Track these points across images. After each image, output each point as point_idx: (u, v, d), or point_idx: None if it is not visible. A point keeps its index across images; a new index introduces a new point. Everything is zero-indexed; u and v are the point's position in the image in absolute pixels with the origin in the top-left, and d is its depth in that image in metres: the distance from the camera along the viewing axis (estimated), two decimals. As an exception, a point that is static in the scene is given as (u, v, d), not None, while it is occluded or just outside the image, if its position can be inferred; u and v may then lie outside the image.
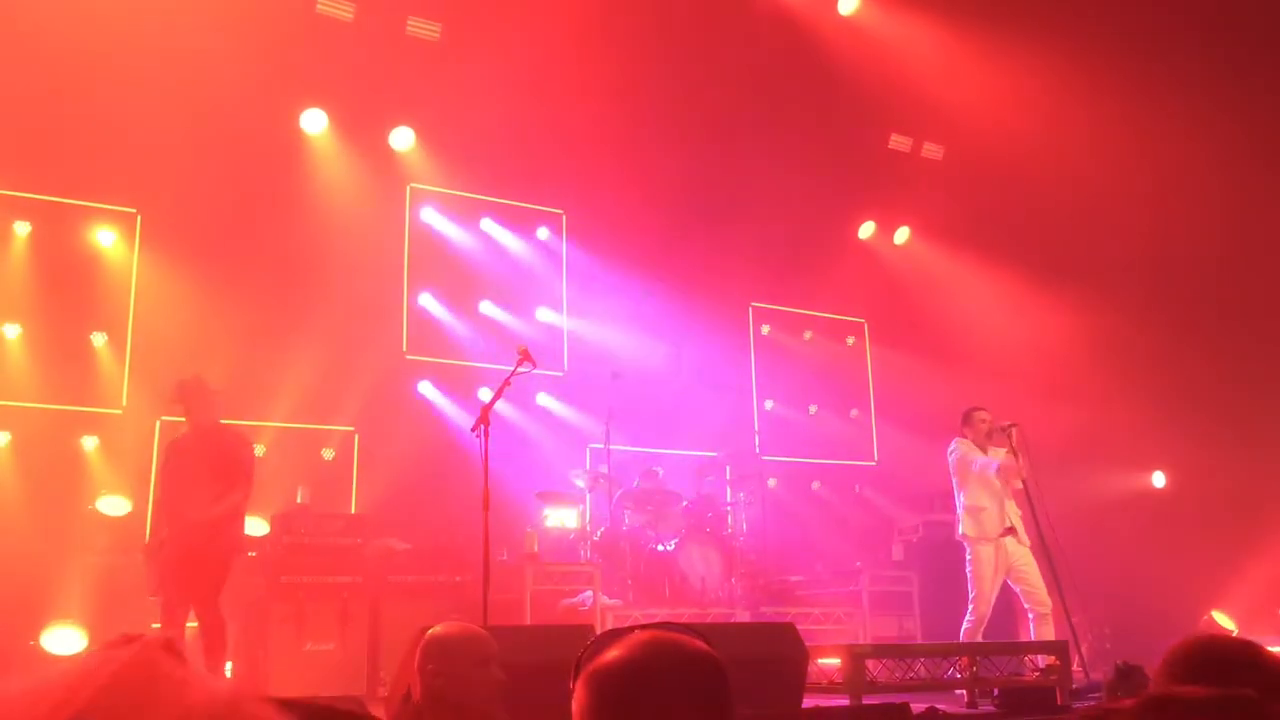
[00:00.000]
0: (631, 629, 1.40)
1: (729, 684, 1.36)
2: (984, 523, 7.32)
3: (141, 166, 8.78)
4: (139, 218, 9.23)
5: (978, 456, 7.41)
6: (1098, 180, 11.10)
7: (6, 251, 8.77)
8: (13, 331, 8.70)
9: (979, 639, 7.12)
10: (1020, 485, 7.36)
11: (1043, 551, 7.16)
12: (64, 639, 7.39)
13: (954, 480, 7.57)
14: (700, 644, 1.38)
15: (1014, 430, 7.34)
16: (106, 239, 9.13)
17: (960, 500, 7.49)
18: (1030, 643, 7.11)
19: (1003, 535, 7.31)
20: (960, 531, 7.48)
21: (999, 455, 7.42)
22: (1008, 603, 7.59)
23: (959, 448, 7.50)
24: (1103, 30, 9.71)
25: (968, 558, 7.41)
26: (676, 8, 9.62)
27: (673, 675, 1.33)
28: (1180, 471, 11.85)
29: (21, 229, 8.79)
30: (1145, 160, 10.40)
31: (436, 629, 3.30)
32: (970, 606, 7.28)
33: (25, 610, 7.30)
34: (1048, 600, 7.19)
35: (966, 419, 7.53)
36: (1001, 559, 7.28)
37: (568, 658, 1.40)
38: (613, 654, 1.36)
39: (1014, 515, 7.41)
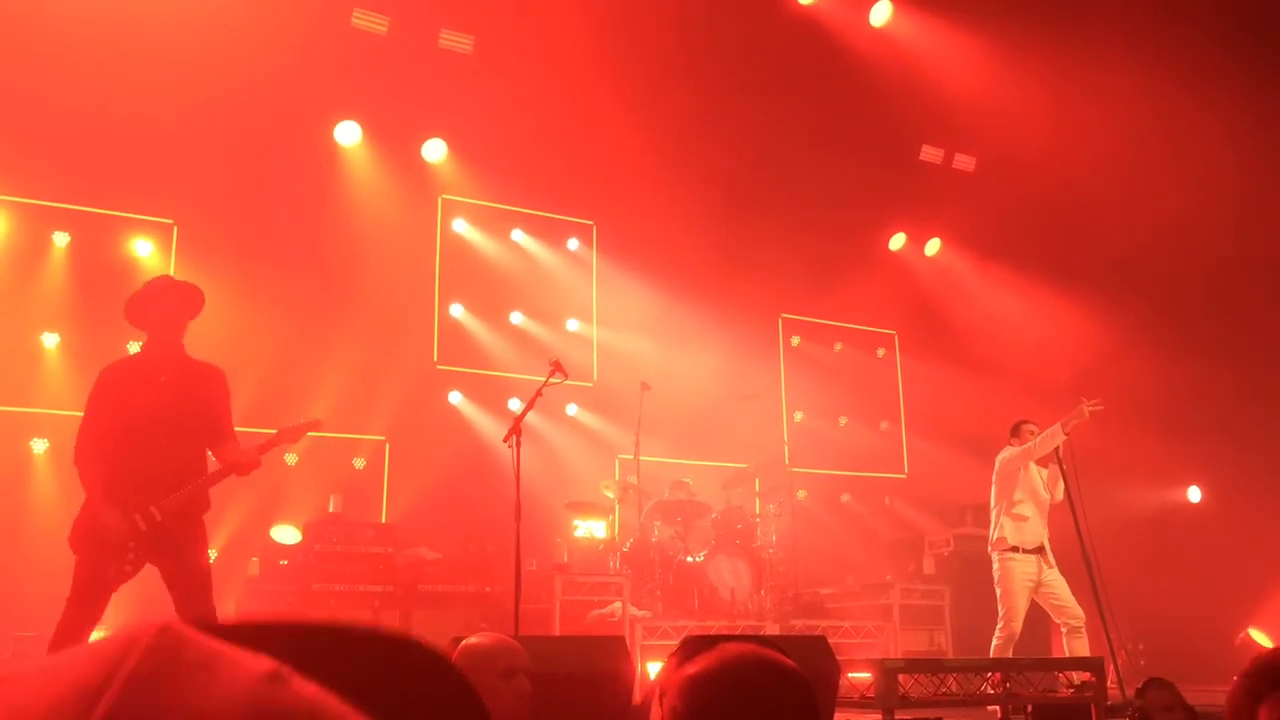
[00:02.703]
0: (718, 639, 1.41)
1: (818, 703, 1.37)
2: (1024, 531, 7.25)
3: (178, 178, 8.91)
4: (175, 229, 9.35)
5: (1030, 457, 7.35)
6: (1130, 191, 11.00)
7: (45, 261, 8.90)
8: (51, 340, 8.82)
9: (1009, 656, 7.03)
10: (1062, 496, 7.33)
11: (1084, 562, 7.08)
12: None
13: (995, 487, 7.50)
14: (789, 661, 1.39)
15: (1060, 443, 7.32)
16: (143, 249, 9.25)
17: (1001, 506, 7.40)
18: (1065, 659, 7.02)
19: (1036, 550, 7.24)
20: (994, 538, 7.38)
21: (1043, 473, 7.40)
22: (1040, 616, 7.49)
23: (1010, 451, 7.45)
24: (1135, 44, 9.63)
25: (996, 571, 7.32)
26: (708, 19, 9.63)
27: (770, 689, 1.35)
28: (1217, 487, 11.68)
29: (60, 239, 8.93)
30: (1180, 171, 10.30)
31: (470, 639, 3.31)
32: (1000, 623, 7.19)
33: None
34: (1080, 613, 7.10)
35: (1015, 431, 7.52)
36: (1032, 574, 7.20)
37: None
38: (707, 663, 1.37)
39: (1045, 535, 7.35)
